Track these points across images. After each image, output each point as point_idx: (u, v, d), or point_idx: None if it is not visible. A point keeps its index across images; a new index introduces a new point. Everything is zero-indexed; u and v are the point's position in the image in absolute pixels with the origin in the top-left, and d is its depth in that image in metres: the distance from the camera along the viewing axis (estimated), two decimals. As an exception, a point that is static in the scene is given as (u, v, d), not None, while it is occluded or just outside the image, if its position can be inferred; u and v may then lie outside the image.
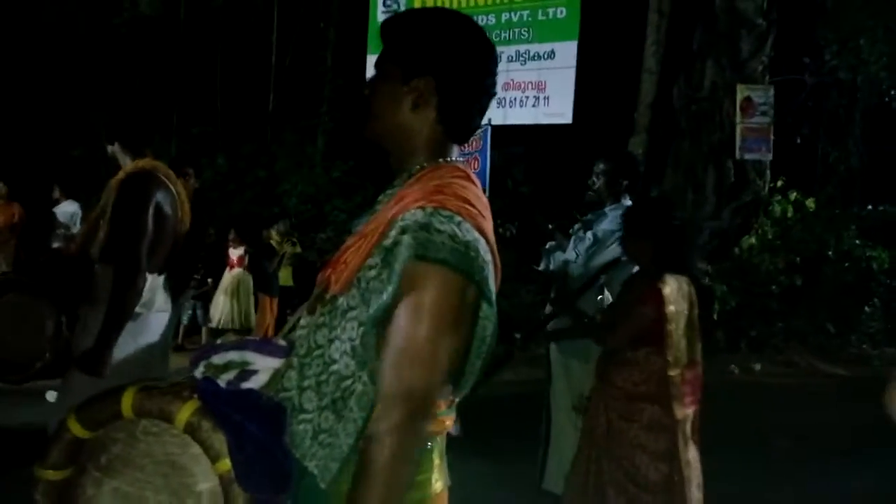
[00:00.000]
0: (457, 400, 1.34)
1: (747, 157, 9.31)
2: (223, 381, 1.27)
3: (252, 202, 11.59)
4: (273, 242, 7.96)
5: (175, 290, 2.89)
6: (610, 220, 3.46)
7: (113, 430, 1.26)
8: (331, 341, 1.25)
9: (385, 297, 1.18)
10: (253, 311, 7.75)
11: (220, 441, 1.18)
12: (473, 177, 1.35)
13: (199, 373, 1.30)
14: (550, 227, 3.93)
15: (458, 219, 1.22)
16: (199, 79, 13.75)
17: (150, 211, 2.66)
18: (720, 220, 9.26)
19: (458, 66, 1.34)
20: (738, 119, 9.19)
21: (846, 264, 8.84)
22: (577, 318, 3.12)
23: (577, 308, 3.18)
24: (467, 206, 1.25)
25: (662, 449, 2.67)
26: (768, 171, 9.64)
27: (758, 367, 7.84)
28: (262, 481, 1.18)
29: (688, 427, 2.72)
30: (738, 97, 9.20)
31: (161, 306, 2.78)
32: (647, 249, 2.79)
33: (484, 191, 1.39)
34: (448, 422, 1.33)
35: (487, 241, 1.26)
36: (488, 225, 1.28)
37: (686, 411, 2.71)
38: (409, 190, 1.28)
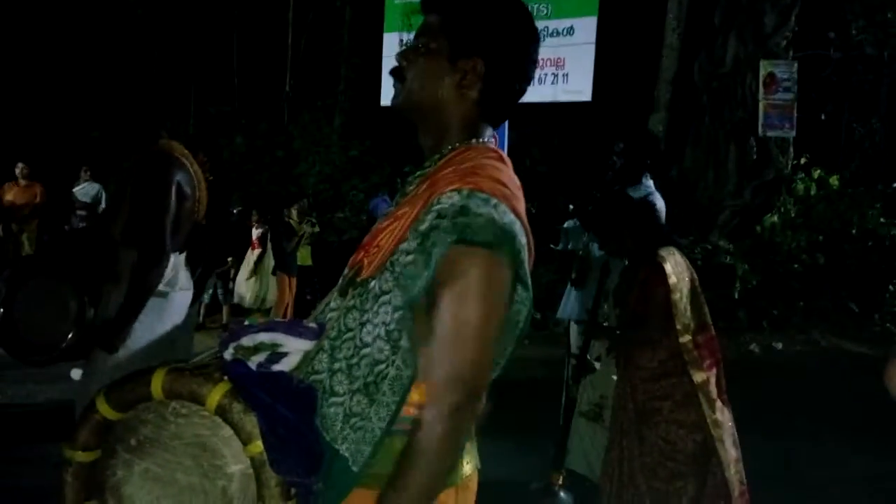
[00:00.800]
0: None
1: (770, 133, 9.17)
2: (253, 363, 1.26)
3: (270, 182, 11.63)
4: (292, 222, 7.99)
5: (199, 269, 2.91)
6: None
7: (142, 411, 1.25)
8: (362, 325, 1.24)
9: (422, 281, 1.16)
10: (272, 290, 7.80)
11: (251, 423, 1.18)
12: (506, 157, 1.32)
13: (228, 354, 1.29)
14: (571, 207, 3.90)
15: (495, 200, 1.19)
16: (215, 58, 13.76)
17: (172, 191, 2.68)
18: (742, 198, 9.16)
19: (509, 49, 1.31)
20: (760, 95, 9.04)
21: (870, 243, 8.72)
22: (602, 329, 3.15)
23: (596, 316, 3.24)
24: (502, 188, 1.23)
25: (695, 419, 2.71)
26: (791, 149, 9.50)
27: (779, 346, 7.78)
28: (294, 463, 1.17)
29: (711, 389, 2.73)
30: (762, 73, 9.04)
31: (184, 285, 2.81)
32: (626, 240, 2.86)
33: None
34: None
35: (522, 223, 1.24)
36: (522, 206, 1.26)
37: (705, 374, 2.73)
38: (443, 172, 1.26)
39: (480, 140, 1.32)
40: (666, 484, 2.70)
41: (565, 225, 3.84)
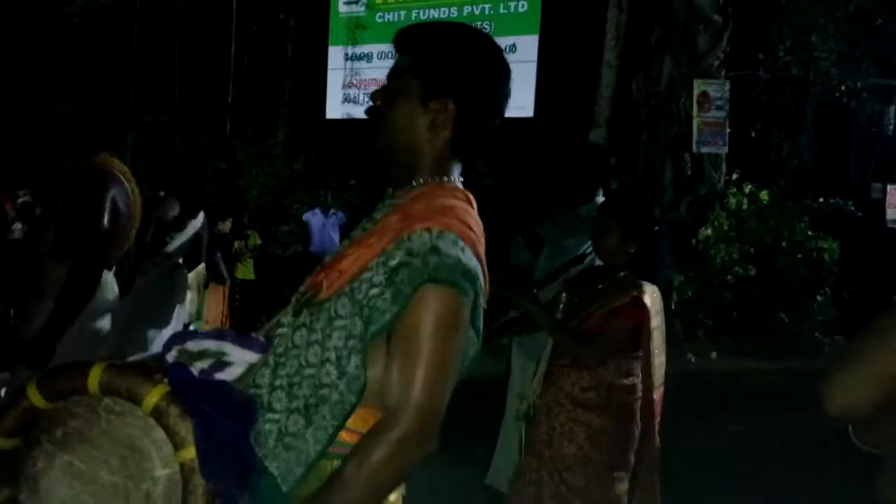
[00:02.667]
0: None
1: (704, 150, 9.47)
2: (196, 368, 1.27)
3: (212, 195, 11.45)
4: (226, 233, 7.92)
5: (127, 286, 2.87)
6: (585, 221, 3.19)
7: (74, 404, 1.22)
8: (309, 344, 1.25)
9: (389, 315, 1.20)
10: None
11: (186, 429, 1.17)
12: (472, 199, 1.36)
13: (171, 357, 1.29)
14: (518, 239, 3.75)
15: (462, 244, 1.24)
16: (156, 68, 13.50)
17: (106, 207, 2.63)
18: (677, 212, 9.43)
19: (480, 90, 1.35)
20: (694, 113, 9.35)
21: (799, 255, 9.06)
22: (546, 313, 2.71)
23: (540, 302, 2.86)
24: (468, 231, 1.27)
25: (607, 460, 2.48)
26: (724, 164, 9.81)
27: (714, 355, 8.03)
28: (225, 474, 1.17)
29: (650, 452, 2.55)
30: (695, 91, 9.36)
31: (110, 301, 2.76)
32: (628, 251, 2.54)
33: None
34: None
35: (482, 267, 1.28)
36: (482, 249, 1.31)
37: (657, 438, 2.54)
38: (414, 207, 1.29)
39: (450, 178, 1.36)
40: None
41: (517, 238, 3.78)
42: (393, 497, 1.30)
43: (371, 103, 1.37)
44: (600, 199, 3.39)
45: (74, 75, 12.41)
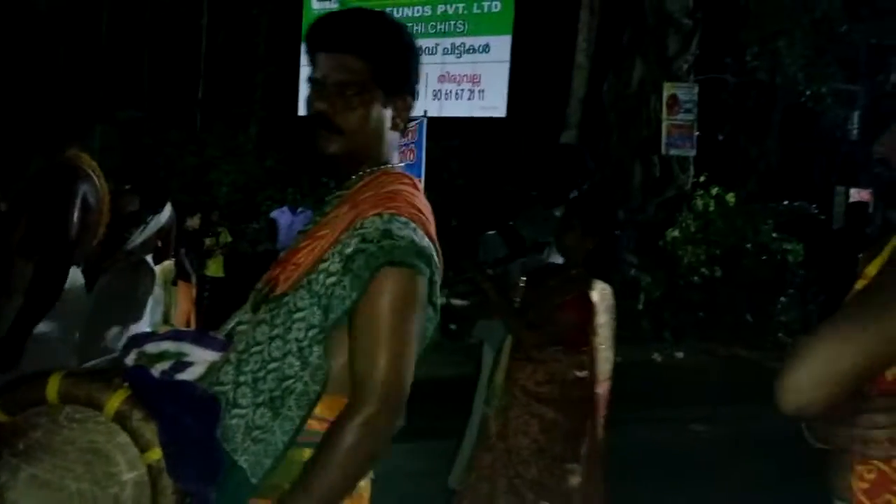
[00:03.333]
0: None
1: (672, 152, 9.61)
2: (157, 370, 1.27)
3: (181, 190, 11.34)
4: (193, 229, 7.86)
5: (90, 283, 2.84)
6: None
7: (34, 415, 1.21)
8: (271, 339, 1.27)
9: (349, 302, 1.22)
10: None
11: (150, 431, 1.17)
12: (418, 184, 1.40)
13: (130, 360, 1.29)
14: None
15: (413, 225, 1.27)
16: (125, 61, 13.31)
17: (76, 203, 2.60)
18: (646, 213, 9.54)
19: (418, 79, 1.41)
20: (664, 116, 9.48)
21: (763, 257, 9.21)
22: (496, 291, 2.77)
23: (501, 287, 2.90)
24: (417, 213, 1.31)
25: (560, 453, 2.53)
26: (692, 167, 9.95)
27: (680, 354, 8.14)
28: (193, 472, 1.18)
29: (594, 445, 2.60)
30: (665, 94, 9.49)
31: (78, 299, 2.74)
32: (586, 247, 2.60)
33: (419, 182, 1.44)
34: None
35: (435, 246, 1.32)
36: (433, 229, 1.34)
37: (601, 431, 2.59)
38: (363, 195, 1.32)
39: (393, 164, 1.39)
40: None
41: (483, 236, 3.80)
42: (362, 483, 1.32)
43: (321, 109, 1.34)
44: None
45: (40, 68, 12.19)
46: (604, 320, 2.60)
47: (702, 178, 9.65)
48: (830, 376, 0.95)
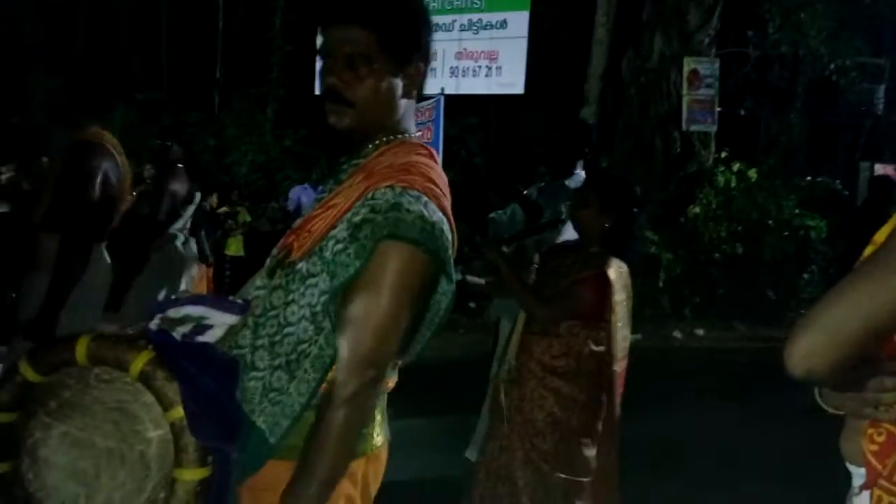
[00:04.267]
0: (400, 363, 1.40)
1: (693, 128, 9.49)
2: (178, 333, 1.31)
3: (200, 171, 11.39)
4: (218, 211, 7.91)
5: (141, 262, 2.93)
6: (571, 193, 3.27)
7: (65, 375, 1.27)
8: (287, 304, 1.30)
9: (352, 270, 1.24)
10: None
11: (173, 390, 1.21)
12: (435, 155, 1.39)
13: (154, 325, 1.33)
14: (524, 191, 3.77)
15: (425, 199, 1.27)
16: (143, 43, 13.35)
17: (97, 180, 2.66)
18: (667, 189, 9.47)
19: (430, 40, 1.40)
20: (684, 91, 9.35)
21: (786, 233, 9.13)
22: (510, 267, 2.75)
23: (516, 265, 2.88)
24: (432, 187, 1.31)
25: (576, 426, 2.54)
26: (713, 143, 9.84)
27: (701, 332, 8.11)
28: (214, 430, 1.22)
29: (611, 421, 2.61)
30: (685, 69, 9.36)
31: (104, 275, 2.79)
32: (603, 223, 2.60)
33: None
34: (391, 383, 1.41)
35: (448, 220, 1.32)
36: (448, 204, 1.34)
37: (618, 409, 2.59)
38: (377, 165, 1.32)
39: (410, 134, 1.39)
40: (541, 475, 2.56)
41: (493, 214, 3.85)
42: (379, 441, 1.39)
43: (330, 83, 1.33)
44: (580, 171, 3.54)
45: (60, 50, 12.26)
46: (620, 298, 2.59)
47: (723, 154, 9.56)
48: (838, 340, 0.95)
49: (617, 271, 2.58)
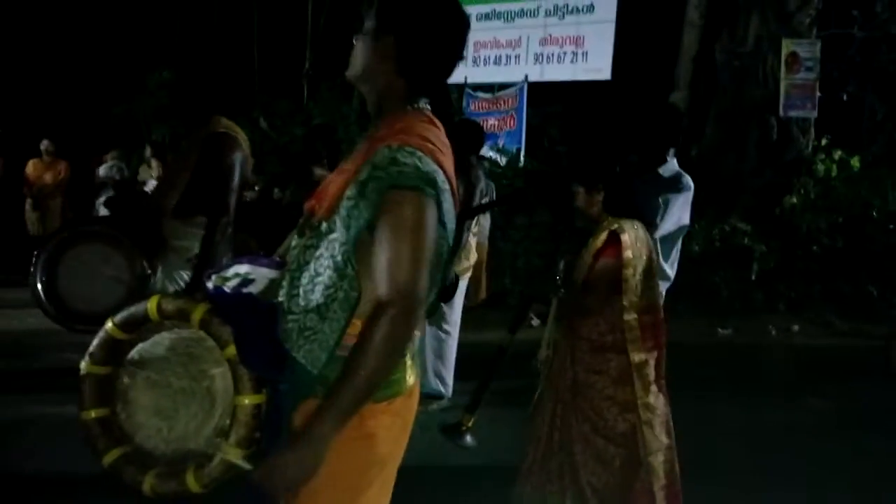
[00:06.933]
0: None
1: (791, 114, 9.08)
2: (228, 287, 1.56)
3: (288, 160, 11.69)
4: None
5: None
6: (667, 182, 3.32)
7: (145, 330, 1.56)
8: (316, 259, 1.52)
9: (363, 221, 1.45)
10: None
11: (227, 332, 1.49)
12: (437, 122, 1.58)
13: (210, 283, 1.58)
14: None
15: (419, 153, 1.47)
16: (235, 35, 13.78)
17: (237, 168, 2.96)
18: (762, 178, 9.10)
19: (417, 28, 1.57)
20: (782, 75, 8.94)
21: (891, 226, 8.61)
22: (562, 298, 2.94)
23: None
24: (428, 144, 1.50)
25: (628, 398, 2.68)
26: (812, 129, 9.40)
27: (796, 328, 7.77)
28: (260, 360, 1.48)
29: (649, 371, 2.70)
30: (784, 52, 8.94)
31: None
32: (597, 200, 2.82)
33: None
34: (418, 331, 1.58)
35: (445, 173, 1.51)
36: (447, 160, 1.54)
37: (644, 356, 2.70)
38: (379, 133, 1.54)
39: (415, 107, 1.58)
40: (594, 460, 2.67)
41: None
42: (412, 381, 1.61)
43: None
44: (672, 159, 3.41)
45: (163, 44, 12.81)
46: (636, 254, 2.71)
47: (823, 141, 9.10)
48: None
49: (632, 230, 2.74)
